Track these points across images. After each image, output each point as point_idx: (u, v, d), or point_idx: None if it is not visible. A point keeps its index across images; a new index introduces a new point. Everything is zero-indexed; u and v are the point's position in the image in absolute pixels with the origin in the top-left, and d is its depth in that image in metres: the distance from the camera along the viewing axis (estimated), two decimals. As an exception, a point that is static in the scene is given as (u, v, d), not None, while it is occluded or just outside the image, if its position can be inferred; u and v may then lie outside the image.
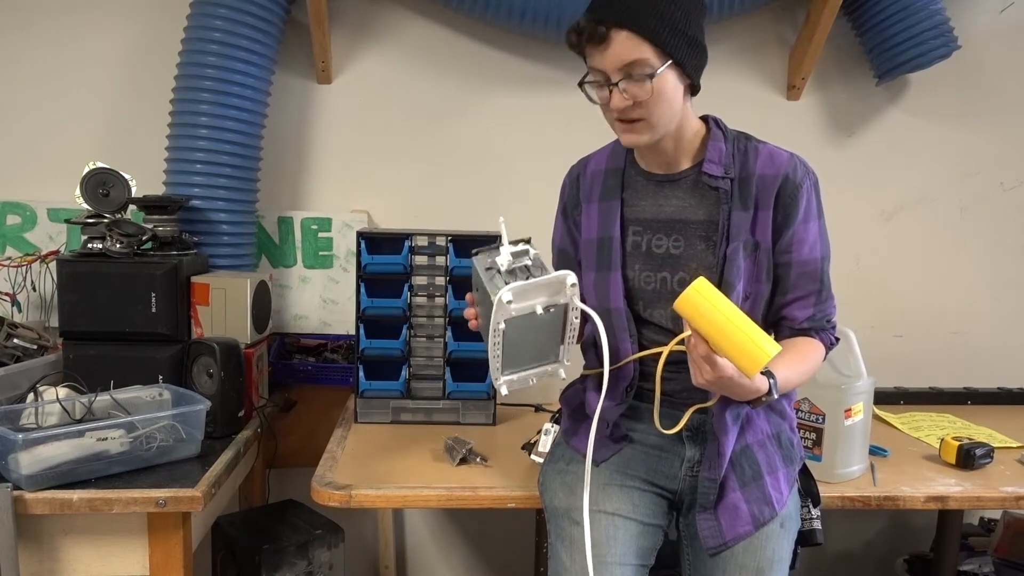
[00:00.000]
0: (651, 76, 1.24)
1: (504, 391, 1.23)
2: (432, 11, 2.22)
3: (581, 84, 1.31)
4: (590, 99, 1.34)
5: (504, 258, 1.21)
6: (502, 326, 1.17)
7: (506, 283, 1.17)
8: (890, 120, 2.35)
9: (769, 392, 1.24)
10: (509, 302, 1.15)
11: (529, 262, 1.22)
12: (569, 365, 1.28)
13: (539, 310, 1.18)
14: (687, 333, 1.20)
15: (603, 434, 1.43)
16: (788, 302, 1.38)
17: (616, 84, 1.25)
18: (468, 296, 1.35)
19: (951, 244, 2.40)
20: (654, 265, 1.38)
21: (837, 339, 1.45)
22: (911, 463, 1.75)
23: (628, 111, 1.27)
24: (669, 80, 1.27)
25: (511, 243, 1.22)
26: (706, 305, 1.17)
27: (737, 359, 1.17)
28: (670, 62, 1.25)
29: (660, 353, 1.26)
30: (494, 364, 1.20)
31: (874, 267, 2.39)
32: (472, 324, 1.33)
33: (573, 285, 1.18)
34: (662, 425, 1.33)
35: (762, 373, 1.23)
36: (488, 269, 1.23)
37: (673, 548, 1.43)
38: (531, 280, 1.16)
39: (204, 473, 1.51)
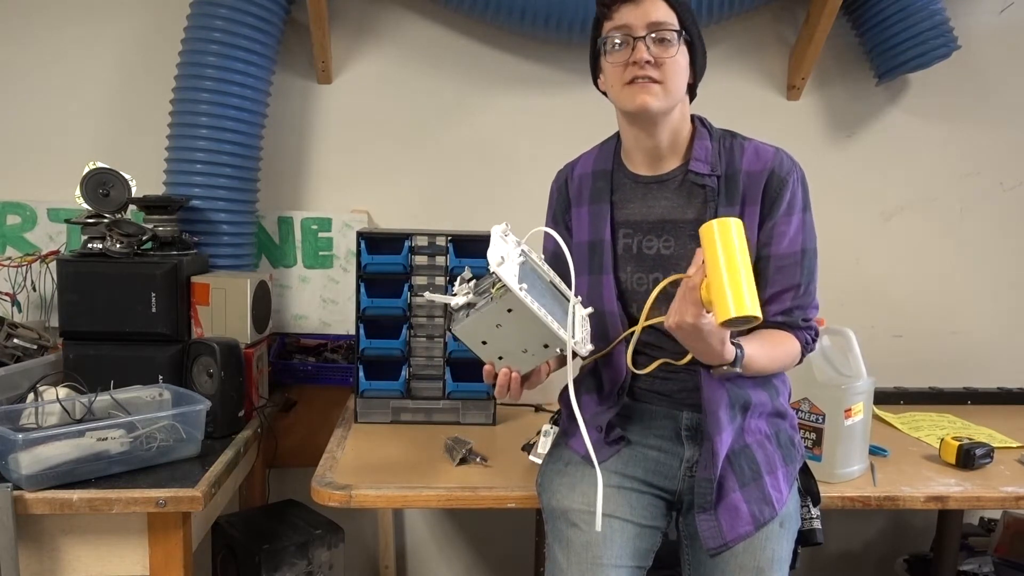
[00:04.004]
0: (678, 33, 1.29)
1: (586, 349, 1.25)
2: (432, 11, 2.22)
3: (599, 45, 1.35)
4: (593, 73, 1.41)
5: (461, 298, 1.26)
6: (524, 287, 1.18)
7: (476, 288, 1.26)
8: (890, 120, 2.35)
9: (733, 363, 1.23)
10: (499, 263, 1.17)
11: (468, 276, 1.30)
12: (579, 299, 1.31)
13: (520, 259, 1.22)
14: (693, 270, 1.17)
15: (598, 437, 1.43)
16: (765, 297, 1.34)
17: (643, 37, 1.28)
18: (486, 370, 1.29)
19: (951, 244, 2.40)
20: (646, 267, 1.38)
21: (814, 340, 1.41)
22: (911, 463, 1.75)
23: (648, 69, 1.29)
24: (683, 58, 1.32)
25: (448, 294, 1.29)
26: (729, 241, 1.13)
27: (721, 298, 1.11)
28: (687, 40, 1.32)
29: (650, 324, 1.26)
30: (556, 329, 1.21)
31: (874, 267, 2.39)
32: (515, 377, 1.28)
33: (504, 233, 1.25)
34: (668, 433, 1.32)
35: (732, 344, 1.23)
36: (466, 312, 1.25)
37: (673, 548, 1.43)
38: (491, 247, 1.20)
39: (204, 473, 1.51)
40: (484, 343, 1.26)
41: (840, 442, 1.61)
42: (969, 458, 1.69)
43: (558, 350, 1.24)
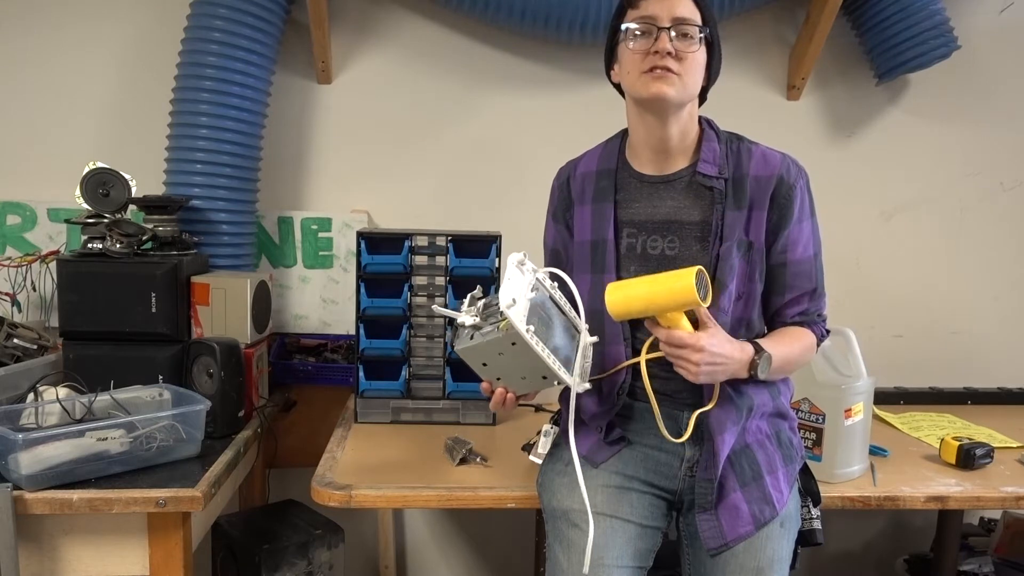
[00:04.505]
0: (699, 28, 1.31)
1: (583, 387, 1.27)
2: (432, 11, 2.22)
3: (622, 29, 1.35)
4: (607, 64, 1.42)
5: (468, 317, 1.26)
6: (531, 328, 1.18)
7: (490, 314, 1.24)
8: (890, 120, 2.35)
9: (758, 351, 1.27)
10: (510, 305, 1.17)
11: (479, 295, 1.29)
12: (586, 327, 1.33)
13: (531, 294, 1.22)
14: (649, 340, 1.27)
15: (599, 437, 1.43)
16: (785, 302, 1.40)
17: (667, 29, 1.30)
18: (483, 386, 1.33)
19: (951, 244, 2.40)
20: (649, 267, 1.38)
21: (827, 331, 1.47)
22: (911, 463, 1.75)
23: (668, 60, 1.30)
24: (702, 56, 1.34)
25: (454, 310, 1.28)
26: (627, 297, 1.23)
27: (677, 301, 1.20)
28: (707, 40, 1.34)
29: (641, 360, 1.30)
30: (558, 370, 1.22)
31: (874, 267, 2.39)
32: (510, 398, 1.31)
33: (521, 263, 1.24)
34: (670, 432, 1.33)
35: (748, 342, 1.29)
36: (471, 333, 1.25)
37: (673, 549, 1.43)
38: (505, 283, 1.20)
39: (204, 473, 1.51)
40: (484, 365, 1.28)
41: (840, 442, 1.61)
42: (969, 458, 1.69)
43: (555, 383, 1.26)
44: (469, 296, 1.30)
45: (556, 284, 1.33)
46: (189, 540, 1.50)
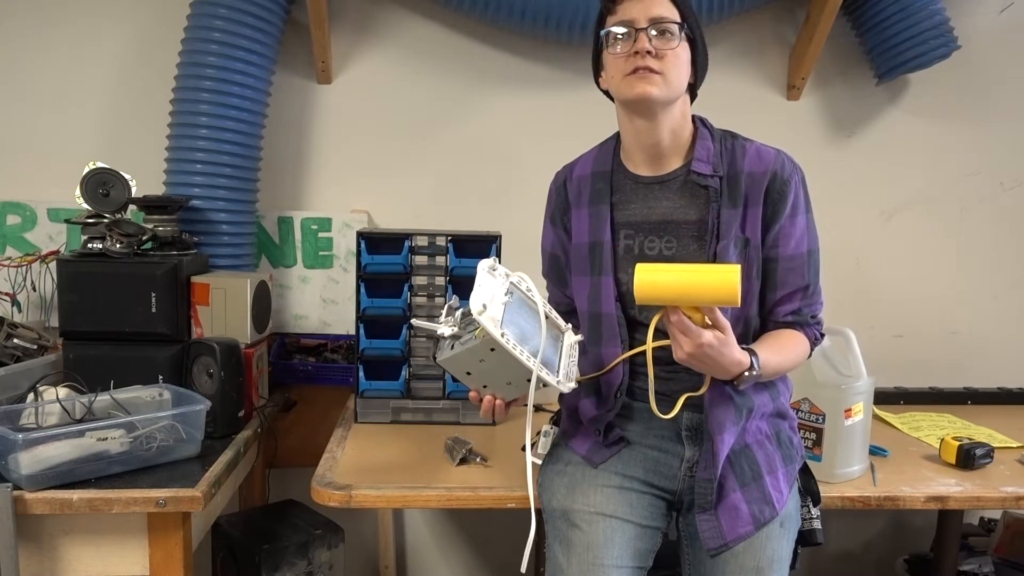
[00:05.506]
0: (679, 26, 1.31)
1: (569, 387, 1.27)
2: (432, 11, 2.22)
3: (603, 34, 1.36)
4: (595, 71, 1.43)
5: (447, 328, 1.26)
6: (504, 332, 1.18)
7: (466, 321, 1.25)
8: (890, 120, 2.35)
9: (751, 367, 1.24)
10: (480, 311, 1.17)
11: (456, 305, 1.29)
12: (569, 327, 1.33)
13: (505, 298, 1.22)
14: (658, 315, 1.22)
15: (597, 440, 1.43)
16: (776, 299, 1.39)
17: (645, 29, 1.31)
18: (471, 395, 1.33)
19: (951, 244, 2.40)
20: None
21: (822, 335, 1.44)
22: (911, 463, 1.75)
23: (649, 60, 1.30)
24: (684, 52, 1.34)
25: (437, 322, 1.29)
26: (657, 283, 1.18)
27: (715, 298, 1.17)
28: (689, 36, 1.34)
29: (646, 350, 1.27)
30: (539, 371, 1.21)
31: (874, 267, 2.39)
32: (499, 404, 1.31)
33: (492, 268, 1.24)
34: (665, 427, 1.32)
35: (744, 349, 1.25)
36: (451, 343, 1.26)
37: (673, 549, 1.43)
38: (475, 290, 1.19)
39: (204, 473, 1.51)
40: (469, 374, 1.28)
41: (840, 442, 1.61)
42: (969, 458, 1.69)
43: (541, 385, 1.25)
44: (447, 307, 1.30)
45: (532, 288, 1.32)
46: (189, 540, 1.50)
